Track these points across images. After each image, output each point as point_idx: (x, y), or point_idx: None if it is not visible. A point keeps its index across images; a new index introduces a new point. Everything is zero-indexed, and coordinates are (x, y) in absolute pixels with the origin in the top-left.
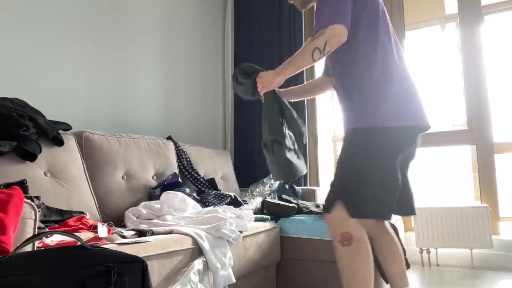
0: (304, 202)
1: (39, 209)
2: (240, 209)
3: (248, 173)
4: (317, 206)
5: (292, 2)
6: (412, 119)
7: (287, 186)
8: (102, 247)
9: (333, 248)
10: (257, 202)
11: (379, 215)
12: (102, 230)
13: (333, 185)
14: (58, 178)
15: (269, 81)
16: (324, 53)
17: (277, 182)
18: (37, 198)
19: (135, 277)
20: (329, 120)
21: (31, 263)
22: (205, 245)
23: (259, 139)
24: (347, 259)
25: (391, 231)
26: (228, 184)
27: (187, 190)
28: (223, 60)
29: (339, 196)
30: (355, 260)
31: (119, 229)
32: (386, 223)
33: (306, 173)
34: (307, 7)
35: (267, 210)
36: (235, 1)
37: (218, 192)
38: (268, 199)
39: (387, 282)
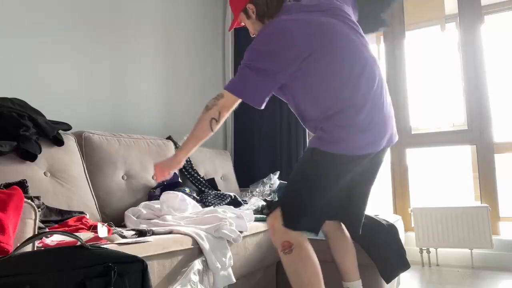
0: None
1: (39, 209)
2: (240, 209)
3: (248, 173)
4: None
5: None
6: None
7: None
8: (102, 247)
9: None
10: (258, 203)
11: (308, 229)
12: (102, 230)
13: (283, 190)
14: (58, 178)
15: (167, 167)
16: (219, 122)
17: (277, 182)
18: (37, 198)
19: (135, 277)
20: None
21: (31, 263)
22: (205, 245)
23: (259, 139)
24: (291, 266)
25: (345, 230)
26: (228, 184)
27: (187, 190)
28: (223, 60)
29: (280, 203)
30: (298, 265)
31: (119, 229)
32: (341, 224)
33: None
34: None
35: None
36: None
37: (218, 192)
38: (271, 198)
39: (341, 278)
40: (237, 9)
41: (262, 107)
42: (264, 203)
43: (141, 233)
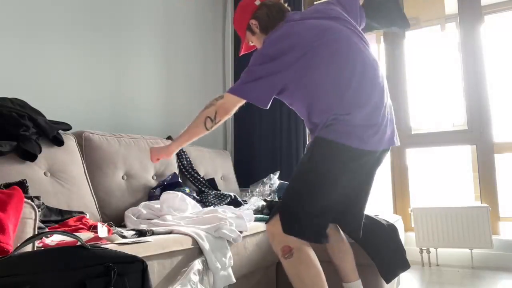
0: None
1: (39, 209)
2: (240, 209)
3: (248, 173)
4: None
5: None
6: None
7: None
8: (102, 247)
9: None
10: (258, 203)
11: (311, 237)
12: (102, 230)
13: (282, 195)
14: (58, 178)
15: (158, 154)
16: (215, 122)
17: (277, 182)
18: (37, 198)
19: (135, 277)
20: None
21: (31, 263)
22: (205, 245)
23: (259, 139)
24: (293, 270)
25: (341, 233)
26: (228, 184)
27: (187, 190)
28: (223, 60)
29: (280, 209)
30: (300, 269)
31: (119, 229)
32: (337, 225)
33: None
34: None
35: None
36: (235, 1)
37: (218, 192)
38: (271, 198)
39: (341, 279)
40: (242, 28)
41: (268, 107)
42: (264, 203)
43: (141, 233)
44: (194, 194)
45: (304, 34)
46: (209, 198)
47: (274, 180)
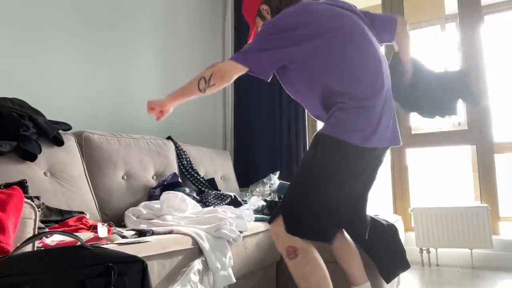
0: None
1: (39, 209)
2: (240, 209)
3: (248, 173)
4: None
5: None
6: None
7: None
8: (102, 247)
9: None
10: (258, 203)
11: (316, 238)
12: (102, 230)
13: (284, 194)
14: (58, 178)
15: (153, 105)
16: (209, 85)
17: (277, 182)
18: (37, 198)
19: (135, 277)
20: None
21: (31, 263)
22: (205, 245)
23: (259, 139)
24: (298, 271)
25: (347, 235)
26: (228, 184)
27: (187, 190)
28: (223, 60)
29: (283, 208)
30: (305, 270)
31: (119, 229)
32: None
33: None
34: None
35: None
36: (235, 1)
37: (218, 192)
38: (271, 198)
39: (350, 283)
40: (252, 15)
41: (269, 79)
42: (264, 203)
43: (141, 233)
44: (194, 194)
45: (322, 13)
46: (209, 198)
47: (274, 180)
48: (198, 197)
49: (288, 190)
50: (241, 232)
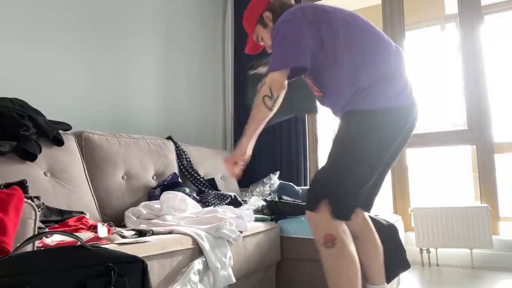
0: (305, 202)
1: (39, 209)
2: (240, 209)
3: (248, 173)
4: None
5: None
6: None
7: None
8: (102, 247)
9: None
10: (258, 203)
11: (349, 216)
12: (102, 230)
13: (321, 178)
14: (58, 178)
15: (233, 159)
16: (274, 98)
17: (277, 182)
18: (37, 198)
19: (135, 277)
20: (330, 119)
21: (31, 263)
22: (205, 245)
23: (259, 139)
24: (331, 261)
25: (374, 230)
26: (228, 184)
27: (187, 190)
28: (223, 60)
29: (326, 195)
30: (338, 262)
31: (119, 229)
32: (370, 222)
33: (307, 173)
34: None
35: (281, 210)
36: (235, 1)
37: (218, 192)
38: (271, 198)
39: (366, 280)
40: (252, 22)
41: (309, 65)
42: (264, 203)
43: (141, 233)
44: (194, 194)
45: (333, 8)
46: (209, 198)
47: (274, 180)
48: (198, 197)
49: (325, 173)
50: (241, 232)
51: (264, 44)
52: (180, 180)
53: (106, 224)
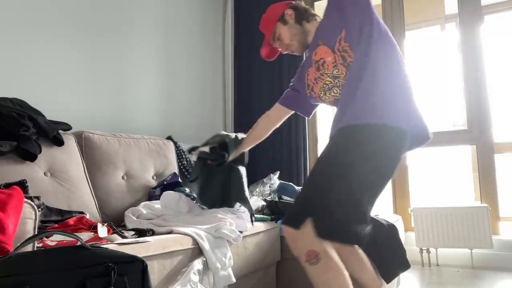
0: None
1: (39, 209)
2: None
3: (248, 173)
4: None
5: (288, 52)
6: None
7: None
8: (102, 247)
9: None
10: (258, 203)
11: (350, 240)
12: (102, 230)
13: (306, 193)
14: (58, 178)
15: None
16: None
17: (277, 182)
18: (37, 198)
19: (135, 277)
20: (329, 120)
21: (31, 263)
22: (205, 245)
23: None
24: (320, 277)
25: None
26: None
27: (187, 190)
28: (223, 60)
29: (311, 212)
30: (327, 276)
31: (119, 229)
32: None
33: (307, 174)
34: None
35: (281, 210)
36: (235, 1)
37: None
38: (271, 198)
39: None
40: (273, 19)
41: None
42: (264, 203)
43: (141, 233)
44: (194, 194)
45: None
46: None
47: (274, 180)
48: None
49: (307, 189)
50: (241, 232)
51: (279, 47)
52: (180, 180)
53: (106, 224)
